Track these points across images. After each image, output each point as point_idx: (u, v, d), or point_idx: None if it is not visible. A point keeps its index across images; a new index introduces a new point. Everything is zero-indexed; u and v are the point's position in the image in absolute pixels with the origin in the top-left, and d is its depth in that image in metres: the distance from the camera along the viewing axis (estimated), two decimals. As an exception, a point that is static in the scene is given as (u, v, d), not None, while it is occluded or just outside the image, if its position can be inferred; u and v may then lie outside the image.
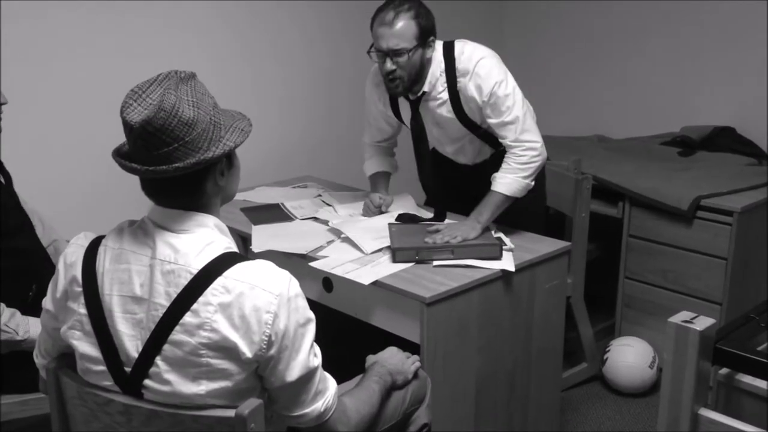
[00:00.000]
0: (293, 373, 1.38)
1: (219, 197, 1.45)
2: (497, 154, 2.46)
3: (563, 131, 3.94)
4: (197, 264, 1.34)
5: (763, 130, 3.39)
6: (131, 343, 1.36)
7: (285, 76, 3.38)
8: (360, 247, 2.31)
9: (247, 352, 1.33)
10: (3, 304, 1.91)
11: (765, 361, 1.44)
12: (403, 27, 2.26)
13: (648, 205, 3.05)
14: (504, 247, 2.28)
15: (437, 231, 2.34)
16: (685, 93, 3.65)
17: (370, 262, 2.22)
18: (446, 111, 2.44)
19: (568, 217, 3.03)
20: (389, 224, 2.45)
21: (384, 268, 2.18)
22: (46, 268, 2.13)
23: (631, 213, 3.13)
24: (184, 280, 1.33)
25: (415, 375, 1.85)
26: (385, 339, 2.06)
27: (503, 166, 2.38)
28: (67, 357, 1.50)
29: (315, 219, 2.63)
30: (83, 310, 1.39)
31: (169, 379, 1.34)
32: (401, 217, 2.54)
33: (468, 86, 2.35)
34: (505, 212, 2.41)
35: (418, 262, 2.22)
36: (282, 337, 1.34)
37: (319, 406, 1.45)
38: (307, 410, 1.44)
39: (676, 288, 3.05)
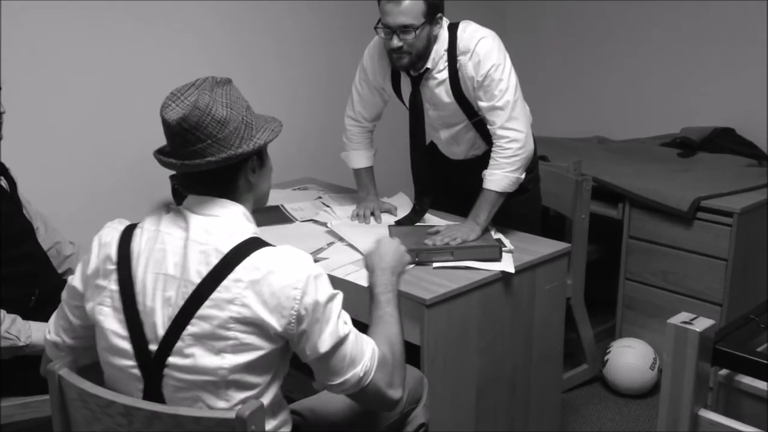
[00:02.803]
0: (325, 344, 1.42)
1: (251, 194, 1.53)
2: (490, 151, 2.46)
3: (563, 132, 3.95)
4: (228, 245, 1.41)
5: (763, 131, 3.39)
6: (160, 320, 1.41)
7: (285, 78, 3.39)
8: (359, 250, 2.31)
9: (277, 326, 1.38)
10: (3, 311, 1.91)
11: (764, 362, 1.44)
12: (410, 4, 2.25)
13: (648, 207, 3.05)
14: (504, 248, 2.28)
15: (437, 232, 2.34)
16: (685, 94, 3.66)
17: (371, 264, 2.22)
18: (444, 92, 2.43)
19: (568, 219, 3.03)
20: (389, 226, 2.46)
21: (384, 270, 2.17)
22: (48, 272, 2.14)
23: (632, 214, 3.13)
24: (215, 260, 1.40)
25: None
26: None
27: (490, 162, 2.37)
28: (69, 357, 1.52)
29: (315, 221, 2.63)
30: (114, 287, 1.45)
31: (192, 353, 1.39)
32: (400, 221, 2.54)
33: (467, 65, 2.35)
34: (501, 214, 2.41)
35: (417, 263, 2.22)
36: (312, 311, 1.40)
37: (358, 371, 1.47)
38: (346, 376, 1.46)
39: (677, 289, 3.05)
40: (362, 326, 2.26)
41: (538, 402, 2.46)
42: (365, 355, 1.49)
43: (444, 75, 2.40)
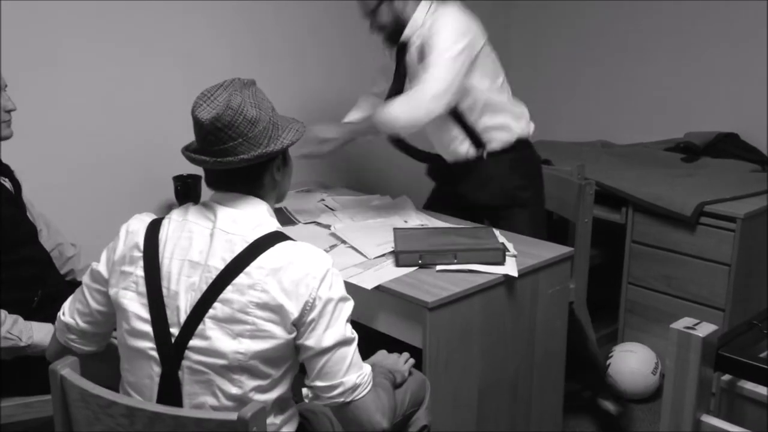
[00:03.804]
0: (329, 338, 1.45)
1: (275, 191, 1.61)
2: (487, 155, 2.46)
3: (567, 137, 3.95)
4: (254, 235, 1.48)
5: (767, 137, 3.39)
6: (183, 304, 1.45)
7: (285, 80, 3.38)
8: (363, 253, 2.32)
9: (295, 312, 1.43)
10: (5, 312, 1.91)
11: (767, 368, 1.44)
12: None
13: (651, 211, 3.05)
14: (507, 252, 2.28)
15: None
16: (688, 99, 3.66)
17: (373, 267, 2.23)
18: (419, 65, 2.46)
19: (571, 223, 3.03)
20: (394, 229, 2.46)
21: (387, 273, 2.18)
22: (51, 273, 2.14)
23: (635, 219, 3.13)
24: (240, 248, 1.46)
25: (410, 372, 1.89)
26: (388, 343, 2.06)
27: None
28: (70, 356, 1.52)
29: (317, 223, 2.64)
30: (140, 272, 1.50)
31: (209, 335, 1.42)
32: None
33: (427, 35, 2.41)
34: (506, 218, 2.41)
35: (421, 266, 2.23)
36: (324, 303, 1.44)
37: (354, 377, 1.48)
38: (342, 379, 1.47)
39: (680, 294, 3.05)
40: (362, 329, 2.26)
41: (540, 405, 2.46)
42: (364, 369, 1.51)
43: (418, 42, 2.47)
